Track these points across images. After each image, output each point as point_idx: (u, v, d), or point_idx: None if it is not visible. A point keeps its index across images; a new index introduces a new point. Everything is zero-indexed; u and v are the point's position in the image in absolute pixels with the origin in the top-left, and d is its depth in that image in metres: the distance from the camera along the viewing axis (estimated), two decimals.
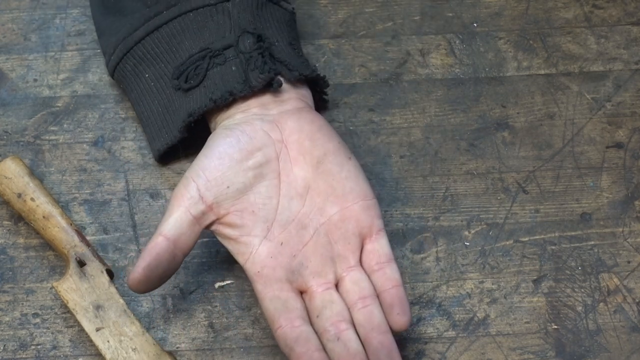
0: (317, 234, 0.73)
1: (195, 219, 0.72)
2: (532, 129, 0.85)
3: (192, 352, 0.75)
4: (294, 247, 0.73)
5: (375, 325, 0.70)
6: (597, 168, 0.83)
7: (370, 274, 0.72)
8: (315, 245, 0.73)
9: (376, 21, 0.91)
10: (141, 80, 0.81)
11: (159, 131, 0.81)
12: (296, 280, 0.72)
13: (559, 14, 0.91)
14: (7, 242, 0.80)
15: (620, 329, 0.75)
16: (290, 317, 0.70)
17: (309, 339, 0.69)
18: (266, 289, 0.71)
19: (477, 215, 0.81)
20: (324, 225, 0.73)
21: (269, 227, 0.73)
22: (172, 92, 0.79)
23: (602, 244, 0.79)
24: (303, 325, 0.70)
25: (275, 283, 0.71)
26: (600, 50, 0.88)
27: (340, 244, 0.73)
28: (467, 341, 0.75)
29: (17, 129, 0.85)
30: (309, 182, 0.74)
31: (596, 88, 0.86)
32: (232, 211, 0.73)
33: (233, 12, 0.79)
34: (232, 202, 0.73)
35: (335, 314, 0.70)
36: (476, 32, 0.90)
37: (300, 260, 0.72)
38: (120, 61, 0.82)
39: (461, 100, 0.86)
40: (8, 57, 0.89)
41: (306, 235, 0.73)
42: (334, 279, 0.72)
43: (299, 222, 0.73)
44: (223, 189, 0.73)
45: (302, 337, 0.69)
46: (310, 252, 0.73)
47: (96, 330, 0.74)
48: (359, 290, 0.71)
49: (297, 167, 0.74)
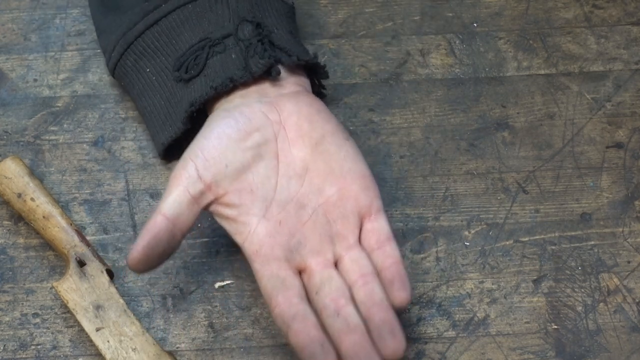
0: (316, 214, 0.73)
1: (194, 198, 0.72)
2: (532, 129, 0.85)
3: (192, 352, 0.75)
4: (293, 226, 0.73)
5: (377, 302, 0.69)
6: (597, 168, 0.83)
7: (370, 253, 0.72)
8: (314, 225, 0.73)
9: (376, 21, 0.91)
10: (142, 76, 0.81)
11: (162, 125, 0.81)
12: (294, 259, 0.72)
13: (559, 14, 0.91)
14: (7, 242, 0.80)
15: (620, 329, 0.75)
16: (288, 295, 0.70)
17: (307, 317, 0.69)
18: (264, 268, 0.71)
19: (477, 215, 0.81)
20: (322, 205, 0.73)
21: (267, 207, 0.73)
22: (173, 85, 0.80)
23: (602, 244, 0.79)
24: (301, 303, 0.70)
25: (273, 262, 0.71)
26: (600, 50, 0.88)
27: (339, 223, 0.73)
28: (467, 341, 0.75)
29: (17, 129, 0.85)
30: (308, 162, 0.74)
31: (596, 88, 0.86)
32: (230, 191, 0.73)
33: (232, 1, 0.79)
34: (230, 182, 0.73)
35: (335, 290, 0.70)
36: (476, 32, 0.90)
37: (299, 239, 0.72)
38: (121, 58, 0.82)
39: (461, 100, 0.86)
40: (8, 57, 0.89)
41: (304, 214, 0.73)
42: (332, 258, 0.72)
43: (297, 202, 0.73)
44: (221, 168, 0.73)
45: (300, 315, 0.69)
46: (309, 231, 0.73)
47: (96, 330, 0.74)
48: (359, 269, 0.71)
49: (296, 148, 0.75)
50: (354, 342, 0.68)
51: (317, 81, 0.83)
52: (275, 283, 0.70)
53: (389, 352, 0.68)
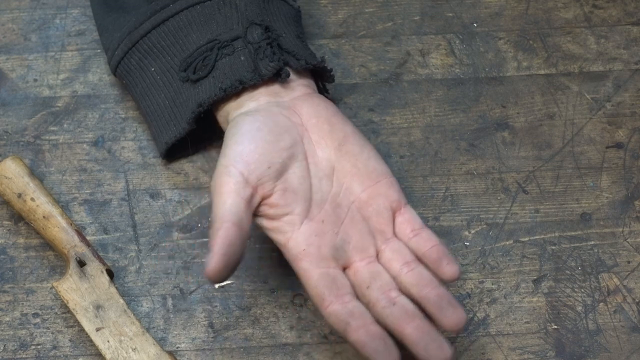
0: (351, 212, 0.74)
1: (246, 202, 0.72)
2: (532, 129, 0.85)
3: (192, 352, 0.75)
4: (334, 225, 0.73)
5: (428, 282, 0.71)
6: (597, 168, 0.83)
7: (408, 242, 0.73)
8: (352, 222, 0.74)
9: (376, 21, 0.91)
10: (147, 75, 0.81)
11: (166, 124, 0.81)
12: (340, 257, 0.73)
13: (559, 14, 0.91)
14: (7, 242, 0.80)
15: (620, 329, 0.75)
16: (340, 293, 0.71)
17: (363, 313, 0.70)
18: (313, 267, 0.71)
19: (477, 215, 0.81)
20: (354, 203, 0.74)
21: (308, 206, 0.73)
22: (179, 85, 0.80)
23: (602, 244, 0.79)
24: (353, 300, 0.71)
25: (322, 261, 0.72)
26: (600, 50, 0.88)
27: (374, 219, 0.74)
28: (467, 341, 0.75)
29: (17, 129, 0.85)
30: (333, 163, 0.75)
31: (596, 88, 0.86)
32: (275, 191, 0.73)
33: (240, 4, 0.79)
34: (274, 182, 0.73)
35: (385, 284, 0.71)
36: (476, 32, 0.90)
37: (342, 237, 0.73)
38: (125, 56, 0.82)
39: (461, 100, 0.86)
40: (8, 57, 0.89)
41: (342, 213, 0.74)
42: (375, 253, 0.73)
43: (332, 201, 0.74)
44: (264, 169, 0.73)
45: (357, 312, 0.70)
46: (350, 229, 0.73)
47: (96, 330, 0.74)
48: (402, 257, 0.72)
49: (320, 150, 0.75)
50: (417, 327, 0.69)
51: (322, 84, 0.83)
52: (326, 282, 0.71)
53: (453, 323, 0.69)
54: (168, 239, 0.80)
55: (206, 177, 0.83)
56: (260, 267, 0.79)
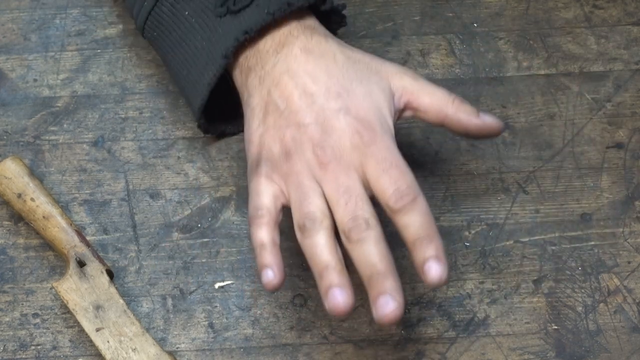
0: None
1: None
2: (532, 129, 0.85)
3: (192, 352, 0.75)
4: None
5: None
6: (597, 168, 0.83)
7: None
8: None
9: (376, 21, 0.91)
10: (180, 20, 0.80)
11: (204, 66, 0.79)
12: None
13: (559, 14, 0.91)
14: (7, 242, 0.80)
15: (620, 330, 0.75)
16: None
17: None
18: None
19: (477, 215, 0.81)
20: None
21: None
22: (215, 23, 0.78)
23: (602, 244, 0.79)
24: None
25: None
26: (600, 50, 0.88)
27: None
28: (467, 341, 0.75)
29: (17, 129, 0.85)
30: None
31: (596, 88, 0.86)
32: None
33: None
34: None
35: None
36: (476, 32, 0.90)
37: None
38: (156, 5, 0.81)
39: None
40: (8, 57, 0.89)
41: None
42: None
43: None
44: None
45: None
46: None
47: (96, 331, 0.74)
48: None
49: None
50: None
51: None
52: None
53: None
54: (168, 239, 0.80)
55: (206, 177, 0.83)
56: None
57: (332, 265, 0.67)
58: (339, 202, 0.69)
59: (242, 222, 0.81)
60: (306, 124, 0.71)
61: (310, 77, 0.73)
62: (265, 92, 0.74)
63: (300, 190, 0.70)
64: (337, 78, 0.73)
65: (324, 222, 0.68)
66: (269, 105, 0.74)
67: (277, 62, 0.75)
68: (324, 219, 0.68)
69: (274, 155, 0.72)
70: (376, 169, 0.69)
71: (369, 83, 0.73)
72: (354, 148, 0.70)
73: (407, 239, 0.68)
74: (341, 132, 0.71)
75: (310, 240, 0.68)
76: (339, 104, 0.72)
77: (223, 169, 0.83)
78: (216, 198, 0.82)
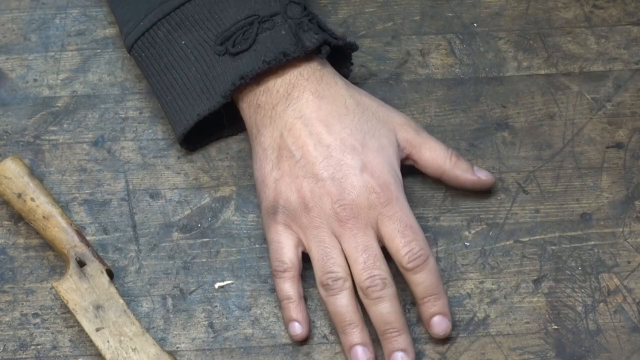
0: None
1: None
2: (532, 129, 0.85)
3: (192, 352, 0.75)
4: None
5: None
6: (597, 168, 0.83)
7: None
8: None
9: (376, 21, 0.91)
10: (175, 48, 0.81)
11: (198, 98, 0.80)
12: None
13: (559, 14, 0.91)
14: (7, 242, 0.80)
15: (620, 329, 0.75)
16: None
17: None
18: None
19: (477, 215, 0.81)
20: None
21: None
22: (213, 59, 0.79)
23: (602, 244, 0.79)
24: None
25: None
26: (600, 50, 0.88)
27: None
28: (467, 341, 0.75)
29: (17, 129, 0.85)
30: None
31: (596, 88, 0.86)
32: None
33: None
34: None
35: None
36: (476, 32, 0.90)
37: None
38: (152, 27, 0.81)
39: (461, 100, 0.86)
40: (8, 57, 0.89)
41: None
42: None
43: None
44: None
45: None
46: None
47: (96, 330, 0.74)
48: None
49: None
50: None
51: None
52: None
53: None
54: (168, 239, 0.80)
55: (206, 177, 0.83)
56: (260, 267, 0.79)
57: (354, 324, 0.74)
58: (358, 260, 0.74)
59: (242, 222, 0.81)
60: (324, 178, 0.75)
61: (325, 126, 0.76)
62: (278, 134, 0.77)
63: (322, 247, 0.75)
64: (350, 129, 0.77)
65: (347, 283, 0.74)
66: (282, 150, 0.76)
67: (288, 105, 0.77)
68: (347, 279, 0.74)
69: (292, 205, 0.75)
70: (392, 229, 0.74)
71: (379, 137, 0.77)
72: (371, 207, 0.74)
73: (417, 295, 0.74)
74: (359, 191, 0.75)
75: (334, 299, 0.74)
76: (355, 160, 0.75)
77: (223, 169, 0.83)
78: (216, 198, 0.82)
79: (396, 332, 0.73)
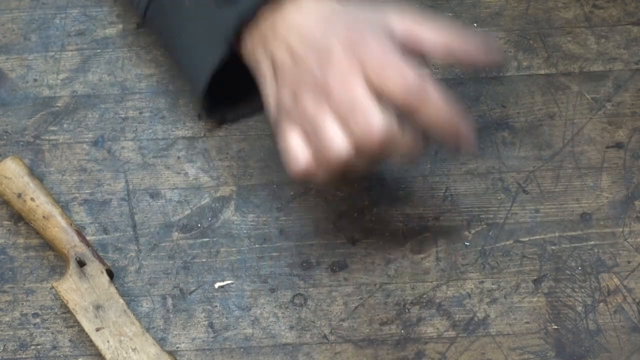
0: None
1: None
2: (532, 129, 0.85)
3: (192, 352, 0.75)
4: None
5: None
6: (597, 168, 0.83)
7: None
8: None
9: None
10: (180, 9, 0.81)
11: (206, 53, 0.79)
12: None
13: (559, 14, 0.91)
14: (7, 242, 0.80)
15: (620, 329, 0.75)
16: None
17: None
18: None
19: (477, 215, 0.81)
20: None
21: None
22: (214, 11, 0.79)
23: (602, 244, 0.79)
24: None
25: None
26: (600, 50, 0.88)
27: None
28: (467, 341, 0.75)
29: (17, 129, 0.85)
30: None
31: (596, 88, 0.86)
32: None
33: None
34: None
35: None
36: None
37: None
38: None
39: (461, 100, 0.86)
40: (8, 57, 0.89)
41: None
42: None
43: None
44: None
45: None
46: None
47: (96, 330, 0.74)
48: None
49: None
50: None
51: None
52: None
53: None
54: (168, 239, 0.80)
55: (206, 177, 0.83)
56: (260, 267, 0.79)
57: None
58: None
59: (242, 222, 0.81)
60: (304, 57, 0.73)
61: (308, 28, 0.74)
62: (269, 54, 0.75)
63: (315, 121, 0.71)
64: (333, 21, 0.73)
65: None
66: (275, 64, 0.75)
67: (275, 27, 0.75)
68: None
69: (286, 105, 0.73)
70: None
71: (365, 19, 0.73)
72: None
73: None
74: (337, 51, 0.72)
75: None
76: (331, 32, 0.72)
77: (223, 169, 0.83)
78: (216, 198, 0.82)
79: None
